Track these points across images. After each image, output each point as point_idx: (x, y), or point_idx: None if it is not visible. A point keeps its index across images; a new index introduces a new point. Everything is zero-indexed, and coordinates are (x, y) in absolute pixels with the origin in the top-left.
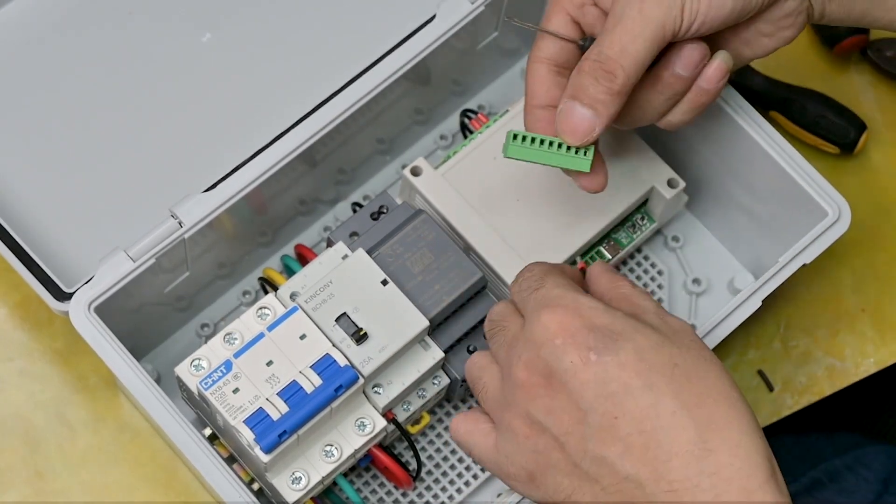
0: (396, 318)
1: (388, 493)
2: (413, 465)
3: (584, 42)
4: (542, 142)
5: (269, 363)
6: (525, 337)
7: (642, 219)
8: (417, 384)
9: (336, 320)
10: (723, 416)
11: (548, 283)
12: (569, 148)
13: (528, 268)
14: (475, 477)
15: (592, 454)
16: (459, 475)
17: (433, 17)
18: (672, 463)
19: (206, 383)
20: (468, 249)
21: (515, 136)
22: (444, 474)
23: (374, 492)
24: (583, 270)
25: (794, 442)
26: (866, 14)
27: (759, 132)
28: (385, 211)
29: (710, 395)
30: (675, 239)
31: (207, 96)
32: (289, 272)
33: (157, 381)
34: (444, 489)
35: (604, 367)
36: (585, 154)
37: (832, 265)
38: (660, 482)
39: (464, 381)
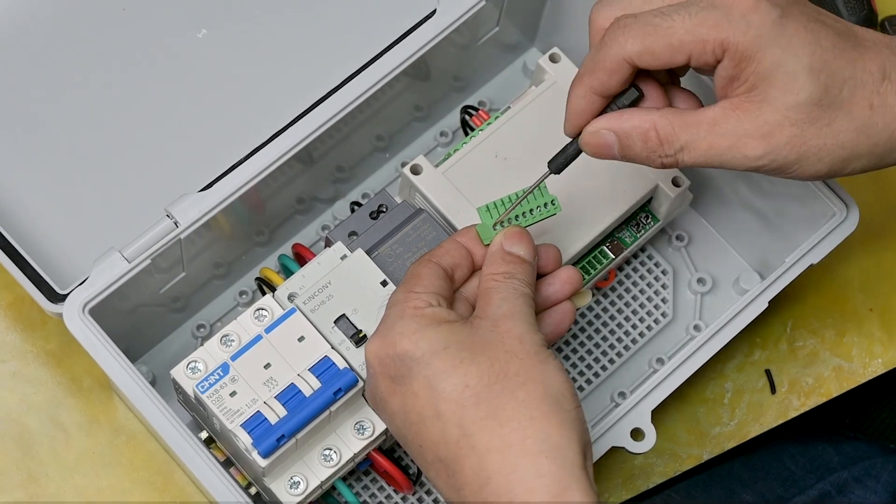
0: None
1: (388, 497)
2: (413, 469)
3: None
4: (514, 218)
5: (267, 366)
6: None
7: (646, 217)
8: None
9: (335, 322)
10: (501, 440)
11: (394, 295)
12: (537, 207)
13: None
14: None
15: (426, 474)
16: None
17: (433, 12)
18: (464, 491)
19: (202, 386)
20: None
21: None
22: None
23: (373, 496)
24: None
25: (800, 451)
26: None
27: None
28: (384, 210)
29: (496, 416)
30: (680, 238)
31: (203, 94)
32: (286, 272)
33: (153, 383)
34: None
35: (402, 396)
36: (553, 203)
37: (840, 265)
38: None
39: None
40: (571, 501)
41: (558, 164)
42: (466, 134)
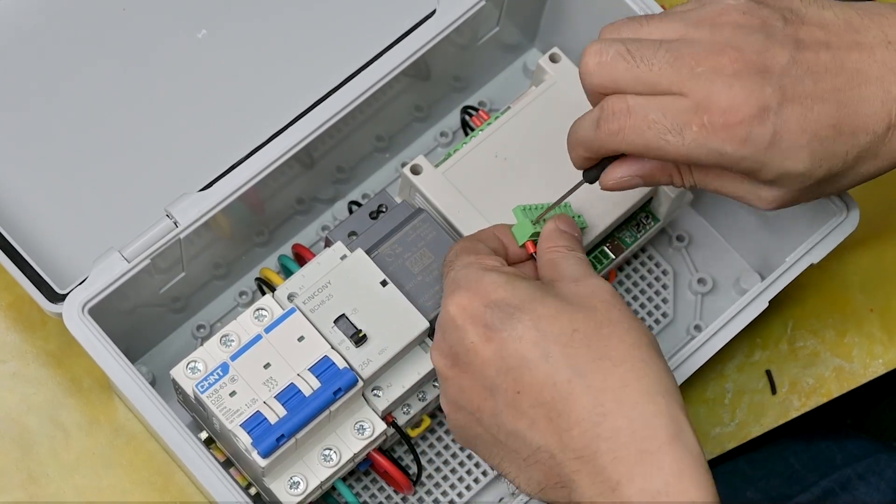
0: (396, 320)
1: (388, 497)
2: (413, 470)
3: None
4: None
5: (267, 366)
6: (438, 323)
7: (647, 218)
8: (418, 387)
9: (335, 322)
10: (618, 380)
11: (456, 265)
12: None
13: (451, 248)
14: (476, 481)
15: (505, 429)
16: (460, 479)
17: (433, 12)
18: (573, 431)
19: (202, 386)
20: None
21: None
22: (445, 478)
23: (373, 496)
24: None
25: (804, 449)
26: None
27: None
28: (384, 210)
29: (609, 357)
30: (681, 238)
31: (203, 94)
32: (286, 272)
33: (152, 383)
34: (444, 493)
35: (501, 342)
36: (579, 217)
37: (840, 264)
38: (566, 451)
39: None
40: (688, 440)
41: (592, 175)
42: (466, 134)
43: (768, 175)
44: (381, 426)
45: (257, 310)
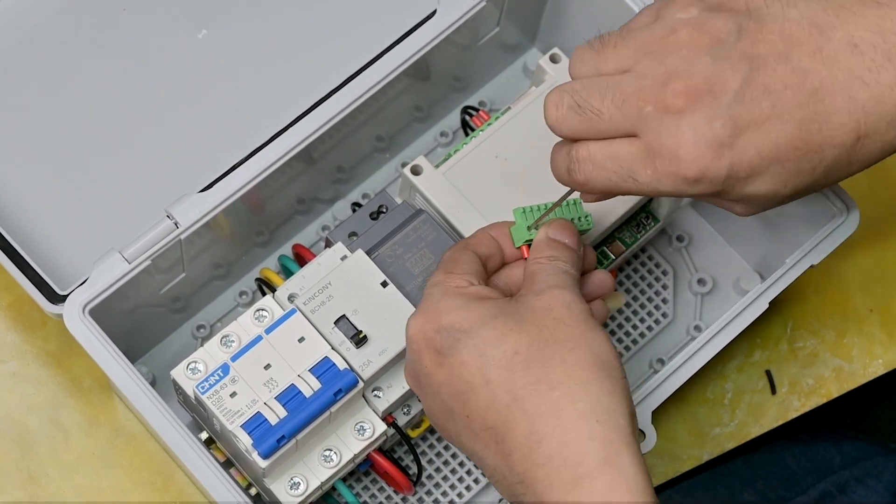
0: (397, 321)
1: (388, 497)
2: (413, 470)
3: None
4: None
5: (267, 366)
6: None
7: (647, 218)
8: None
9: (335, 322)
10: (552, 404)
11: (431, 280)
12: (572, 220)
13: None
14: (476, 481)
15: (467, 448)
16: (460, 479)
17: (434, 13)
18: (513, 456)
19: (202, 387)
20: None
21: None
22: (445, 479)
23: (373, 497)
24: None
25: (802, 451)
26: None
27: None
28: (384, 210)
29: (546, 381)
30: (680, 238)
31: (203, 94)
32: (286, 273)
33: (153, 383)
34: (444, 494)
35: (450, 368)
36: (587, 218)
37: (840, 265)
38: (512, 474)
39: None
40: (622, 463)
41: None
42: (467, 134)
43: (732, 197)
44: (382, 427)
45: (258, 310)
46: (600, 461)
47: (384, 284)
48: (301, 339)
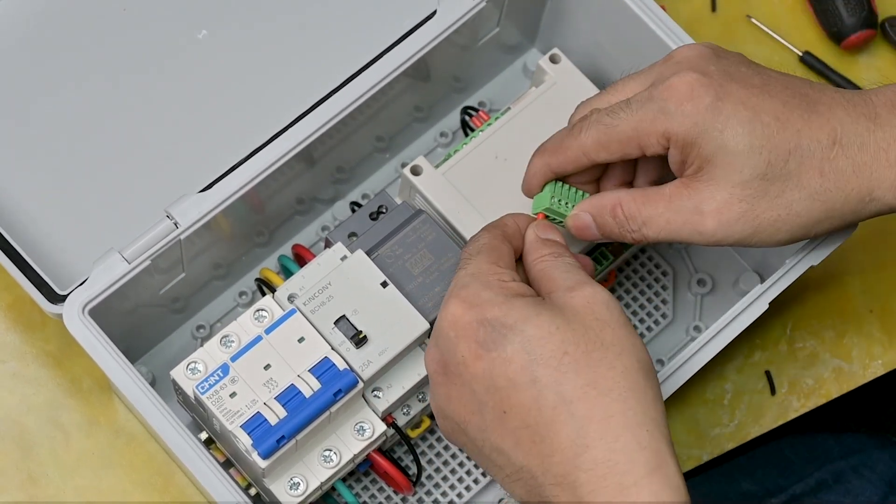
0: (396, 321)
1: (388, 497)
2: (413, 470)
3: None
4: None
5: (267, 367)
6: (434, 326)
7: None
8: (418, 388)
9: (335, 323)
10: (603, 410)
11: (468, 266)
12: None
13: (474, 239)
14: (476, 481)
15: (490, 444)
16: (460, 479)
17: (434, 13)
18: (554, 458)
19: (202, 387)
20: None
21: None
22: (445, 479)
23: (373, 497)
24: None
25: (801, 442)
26: None
27: None
28: (384, 211)
29: (596, 385)
30: None
31: (203, 94)
32: (286, 273)
33: (152, 384)
34: (444, 494)
35: (491, 362)
36: None
37: (840, 266)
38: (547, 475)
39: None
40: (669, 473)
41: None
42: (466, 135)
43: (707, 147)
44: (381, 427)
45: (257, 311)
46: (649, 470)
47: (384, 285)
48: (301, 340)
